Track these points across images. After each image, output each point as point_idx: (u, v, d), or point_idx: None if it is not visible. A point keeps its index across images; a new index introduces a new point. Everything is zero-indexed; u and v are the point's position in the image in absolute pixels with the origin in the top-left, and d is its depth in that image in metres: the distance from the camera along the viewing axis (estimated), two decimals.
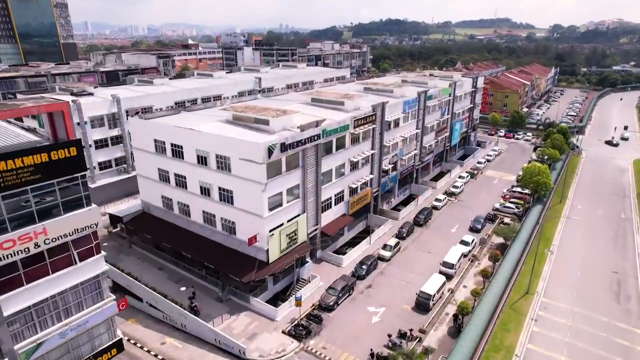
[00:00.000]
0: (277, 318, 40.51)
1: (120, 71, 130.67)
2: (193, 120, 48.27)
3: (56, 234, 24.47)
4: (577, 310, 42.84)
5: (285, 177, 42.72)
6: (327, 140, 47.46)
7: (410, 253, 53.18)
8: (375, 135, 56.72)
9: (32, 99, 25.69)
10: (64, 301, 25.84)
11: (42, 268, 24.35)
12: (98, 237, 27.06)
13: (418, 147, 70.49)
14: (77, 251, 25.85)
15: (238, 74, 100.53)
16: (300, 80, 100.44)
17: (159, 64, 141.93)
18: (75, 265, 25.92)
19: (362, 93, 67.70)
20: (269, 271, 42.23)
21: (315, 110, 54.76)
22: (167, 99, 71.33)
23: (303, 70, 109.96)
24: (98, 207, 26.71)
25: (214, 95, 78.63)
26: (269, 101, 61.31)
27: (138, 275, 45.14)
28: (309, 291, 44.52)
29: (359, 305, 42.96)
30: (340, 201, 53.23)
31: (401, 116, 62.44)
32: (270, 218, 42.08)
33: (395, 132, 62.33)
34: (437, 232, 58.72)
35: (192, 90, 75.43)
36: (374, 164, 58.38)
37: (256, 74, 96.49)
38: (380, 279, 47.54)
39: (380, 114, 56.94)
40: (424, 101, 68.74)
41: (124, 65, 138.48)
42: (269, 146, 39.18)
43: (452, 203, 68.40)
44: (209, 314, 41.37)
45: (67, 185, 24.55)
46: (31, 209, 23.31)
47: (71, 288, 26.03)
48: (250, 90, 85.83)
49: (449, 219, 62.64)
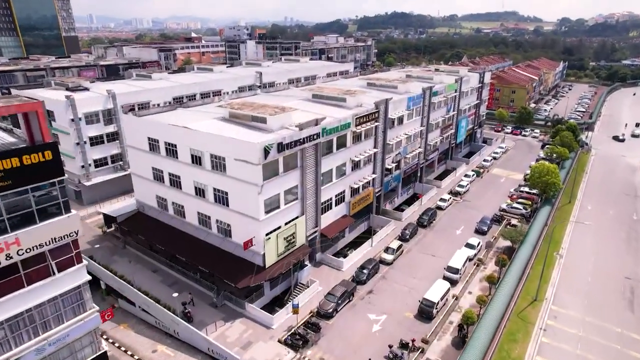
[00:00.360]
0: (273, 326, 38.81)
1: (120, 65, 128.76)
2: (189, 118, 46.45)
3: (31, 244, 22.75)
4: (589, 320, 40.81)
5: (282, 178, 40.82)
6: (328, 139, 45.45)
7: (414, 256, 51.25)
8: (378, 133, 54.61)
9: (2, 98, 23.95)
10: (42, 315, 24.20)
11: (15, 280, 22.67)
12: (79, 246, 25.34)
13: (422, 145, 68.28)
14: (56, 261, 24.15)
15: (239, 68, 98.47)
16: (303, 74, 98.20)
17: (160, 57, 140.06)
18: (54, 277, 24.23)
19: (365, 89, 65.36)
20: (265, 276, 40.47)
21: (316, 107, 52.73)
22: (165, 94, 69.56)
23: (305, 65, 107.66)
24: (91, 205, 24.90)
25: (214, 91, 76.85)
26: (269, 97, 59.29)
27: (131, 278, 43.56)
28: (307, 297, 42.79)
29: (359, 313, 41.17)
30: (341, 202, 51.30)
31: (405, 113, 60.22)
32: (267, 221, 40.24)
33: (399, 130, 60.16)
34: (442, 234, 56.68)
35: (191, 85, 73.53)
36: (377, 163, 56.32)
37: (257, 68, 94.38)
38: (381, 284, 45.70)
39: (383, 111, 54.78)
40: (429, 97, 66.42)
41: (125, 58, 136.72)
42: (265, 146, 37.24)
43: (457, 203, 66.28)
44: (202, 320, 39.76)
45: (42, 192, 22.79)
46: (1, 217, 21.56)
47: (49, 300, 24.37)
48: (251, 86, 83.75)
49: (454, 220, 60.58)
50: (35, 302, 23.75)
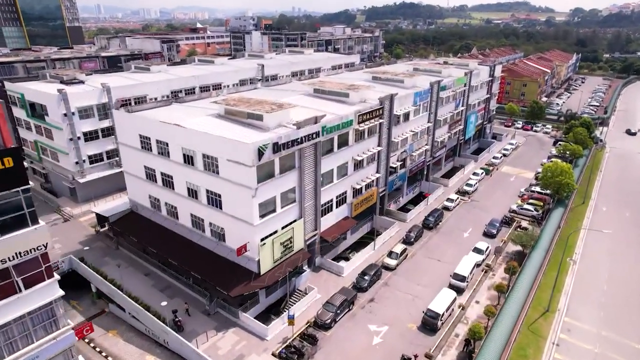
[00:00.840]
0: (267, 337, 36.64)
1: (122, 56, 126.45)
2: (183, 114, 44.20)
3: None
4: (605, 335, 38.17)
5: (278, 180, 38.38)
6: (328, 138, 42.86)
7: (418, 261, 48.78)
8: (382, 130, 51.87)
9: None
10: (7, 335, 22.14)
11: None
12: (49, 259, 23.19)
13: (429, 142, 65.43)
14: (22, 277, 22.03)
15: (241, 60, 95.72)
16: (307, 67, 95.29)
17: (162, 48, 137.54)
18: (20, 294, 22.12)
19: (369, 83, 62.53)
20: (260, 284, 38.26)
21: (317, 103, 50.12)
22: (163, 87, 67.22)
23: (310, 57, 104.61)
24: (86, 203, 22.58)
25: (214, 84, 74.37)
26: (268, 92, 56.69)
27: (121, 282, 41.60)
28: (305, 305, 40.56)
29: (360, 323, 38.87)
30: (343, 203, 48.82)
31: (412, 109, 57.33)
32: (262, 226, 37.91)
33: (405, 127, 57.35)
34: (448, 236, 54.06)
35: (189, 78, 71.09)
36: (381, 161, 53.66)
37: (260, 60, 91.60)
38: (383, 291, 43.33)
39: (388, 108, 51.99)
40: (437, 92, 63.36)
41: (127, 50, 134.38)
42: (260, 147, 34.77)
43: (465, 203, 63.51)
44: (194, 329, 37.75)
45: (3, 202, 20.57)
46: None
47: (15, 320, 22.30)
48: (252, 79, 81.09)
49: (461, 221, 57.89)
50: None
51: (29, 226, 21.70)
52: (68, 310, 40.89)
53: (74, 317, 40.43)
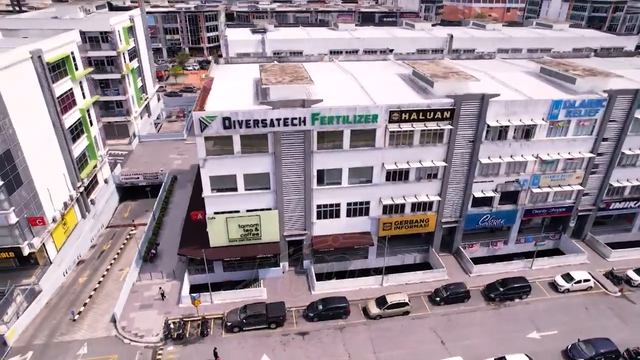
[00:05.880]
0: (180, 304, 36.58)
1: (377, 13, 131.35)
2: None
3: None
4: None
5: (240, 160, 34.75)
6: (330, 130, 34.70)
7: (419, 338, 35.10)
8: (452, 140, 37.13)
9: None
10: None
11: None
12: None
13: (591, 182, 41.96)
14: None
15: (460, 29, 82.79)
16: (526, 45, 73.02)
17: (420, 8, 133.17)
18: None
19: (527, 75, 44.75)
20: (207, 255, 37.46)
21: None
22: (320, 45, 67.27)
23: (554, 33, 79.20)
24: None
25: (380, 49, 68.20)
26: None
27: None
28: (240, 297, 37.29)
29: (259, 346, 32.97)
30: (361, 215, 39.46)
31: (541, 124, 37.70)
32: (214, 200, 36.13)
33: (520, 147, 38.71)
34: (484, 329, 35.59)
35: (353, 40, 68.04)
36: (448, 182, 39.12)
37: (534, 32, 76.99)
38: (328, 332, 34.32)
39: (474, 111, 36.35)
40: (629, 109, 38.60)
41: (386, 7, 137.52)
42: (202, 118, 32.35)
43: (600, 294, 38.99)
44: (157, 264, 41.65)
45: None
46: None
47: None
48: (436, 49, 69.83)
49: (550, 316, 36.60)
50: None
51: None
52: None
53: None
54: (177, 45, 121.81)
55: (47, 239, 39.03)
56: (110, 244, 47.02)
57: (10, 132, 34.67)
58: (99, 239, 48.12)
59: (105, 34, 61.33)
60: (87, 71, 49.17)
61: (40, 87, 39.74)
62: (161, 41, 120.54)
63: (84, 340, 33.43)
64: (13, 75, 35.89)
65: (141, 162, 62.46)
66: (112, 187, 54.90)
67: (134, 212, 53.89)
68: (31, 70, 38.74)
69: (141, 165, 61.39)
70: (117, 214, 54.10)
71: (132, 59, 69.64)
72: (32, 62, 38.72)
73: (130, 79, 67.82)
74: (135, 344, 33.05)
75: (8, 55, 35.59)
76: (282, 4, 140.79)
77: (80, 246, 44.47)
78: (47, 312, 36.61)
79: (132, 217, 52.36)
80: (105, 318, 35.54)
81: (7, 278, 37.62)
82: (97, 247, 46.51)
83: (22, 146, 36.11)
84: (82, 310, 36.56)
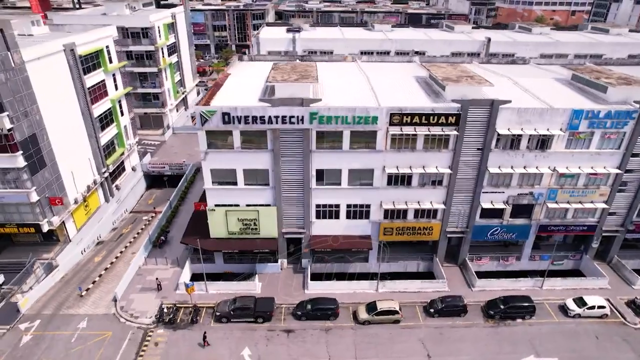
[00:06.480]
0: (177, 291, 37.98)
1: (425, 15, 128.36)
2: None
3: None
4: None
5: (240, 155, 35.49)
6: (329, 129, 34.54)
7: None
8: (458, 147, 35.60)
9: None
10: None
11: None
12: None
13: (618, 200, 38.55)
14: None
15: (505, 33, 79.11)
16: (574, 51, 68.27)
17: (470, 10, 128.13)
18: None
19: (556, 82, 42.23)
20: (209, 245, 38.71)
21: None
22: (352, 45, 66.89)
23: (610, 38, 73.34)
24: None
25: (416, 50, 66.70)
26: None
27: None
28: (232, 288, 38.14)
29: (230, 345, 33.47)
30: (362, 217, 38.91)
31: (558, 134, 35.19)
32: (215, 192, 37.20)
33: (534, 157, 36.35)
34: (474, 346, 33.63)
35: (385, 41, 66.98)
36: (453, 190, 37.57)
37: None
38: (313, 333, 34.21)
39: (482, 118, 34.66)
40: None
41: (434, 8, 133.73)
42: (202, 112, 33.40)
43: (616, 323, 35.68)
44: (165, 250, 43.56)
45: None
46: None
47: None
48: (472, 53, 67.19)
49: (552, 341, 34.03)
50: None
51: None
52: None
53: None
54: (224, 42, 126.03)
55: (67, 218, 42.12)
56: (130, 228, 49.67)
57: (37, 118, 37.69)
58: (121, 222, 50.96)
59: (145, 30, 64.88)
60: (121, 64, 52.30)
61: (71, 78, 42.87)
62: (210, 38, 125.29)
63: (85, 315, 35.71)
64: (45, 65, 38.96)
65: (171, 153, 65.39)
66: (139, 175, 58.00)
67: (158, 199, 56.54)
68: (63, 62, 41.87)
69: (171, 155, 64.26)
70: (143, 200, 57.03)
71: (171, 54, 73.05)
72: (65, 55, 41.85)
73: (168, 72, 71.22)
74: (129, 324, 34.82)
75: (40, 47, 38.70)
76: (330, 4, 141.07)
77: (101, 228, 47.41)
78: (61, 285, 39.42)
79: (155, 205, 54.98)
80: (109, 297, 37.71)
81: (30, 251, 41.13)
82: (117, 230, 49.30)
83: (49, 131, 39.14)
84: (90, 287, 39.04)
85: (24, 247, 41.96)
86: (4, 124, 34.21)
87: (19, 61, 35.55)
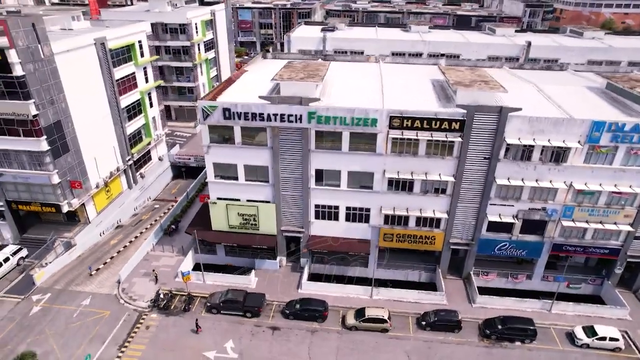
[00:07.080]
0: (176, 279, 39.23)
1: (474, 17, 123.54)
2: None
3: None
4: None
5: (240, 151, 36.02)
6: (328, 130, 34.17)
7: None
8: (463, 154, 33.88)
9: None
10: None
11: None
12: None
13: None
14: None
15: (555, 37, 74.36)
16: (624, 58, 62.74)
17: (524, 13, 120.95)
18: None
19: (588, 91, 39.23)
20: (210, 237, 39.74)
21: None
22: (383, 46, 65.80)
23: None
24: None
25: (447, 54, 64.55)
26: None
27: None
28: (227, 280, 38.82)
29: (221, 336, 33.95)
30: (361, 221, 38.14)
31: (576, 147, 32.50)
32: (216, 186, 38.03)
33: (551, 171, 33.82)
34: None
35: (417, 42, 65.26)
36: (457, 200, 35.82)
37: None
38: (297, 333, 34.01)
39: (490, 125, 32.75)
40: None
41: (485, 10, 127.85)
42: (204, 107, 34.28)
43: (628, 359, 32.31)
44: (175, 238, 45.18)
45: None
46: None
47: None
48: (510, 57, 63.70)
49: None
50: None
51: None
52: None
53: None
54: (270, 40, 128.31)
55: (88, 201, 44.90)
56: (150, 215, 52.01)
57: (62, 106, 40.41)
58: (143, 209, 53.48)
59: (182, 26, 67.52)
60: (151, 58, 54.82)
61: (100, 70, 45.58)
62: (256, 35, 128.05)
63: (90, 293, 37.91)
64: (75, 58, 41.68)
65: (199, 145, 67.46)
66: (166, 165, 60.53)
67: (181, 189, 58.68)
68: (93, 55, 44.61)
69: (198, 148, 66.38)
70: (167, 189, 59.46)
71: (209, 50, 75.46)
72: (95, 48, 44.56)
73: (203, 68, 73.65)
74: (127, 306, 36.52)
75: (71, 40, 41.47)
76: (378, 4, 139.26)
77: (122, 212, 50.03)
78: (76, 263, 42.09)
79: (177, 194, 57.17)
80: (115, 278, 39.71)
81: (53, 229, 44.33)
82: (137, 216, 51.81)
83: (74, 119, 41.88)
84: (100, 268, 41.36)
85: (49, 225, 45.32)
86: (29, 111, 36.97)
87: (49, 53, 38.26)
